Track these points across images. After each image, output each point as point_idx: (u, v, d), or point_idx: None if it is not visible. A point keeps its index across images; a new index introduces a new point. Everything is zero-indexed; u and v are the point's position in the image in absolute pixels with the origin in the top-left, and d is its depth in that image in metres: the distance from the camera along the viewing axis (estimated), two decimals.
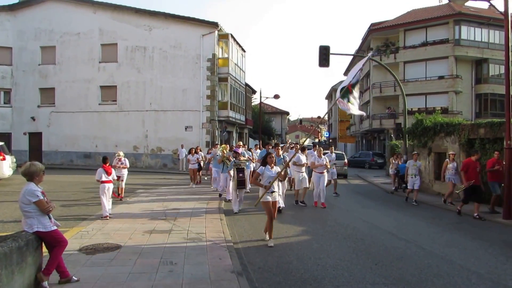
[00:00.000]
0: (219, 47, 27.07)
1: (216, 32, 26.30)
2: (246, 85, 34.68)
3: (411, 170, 13.09)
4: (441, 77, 29.70)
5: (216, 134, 26.34)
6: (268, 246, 7.06)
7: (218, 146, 15.71)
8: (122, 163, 12.17)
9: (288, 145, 17.77)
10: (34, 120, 27.91)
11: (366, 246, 7.16)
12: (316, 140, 77.42)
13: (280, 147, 11.97)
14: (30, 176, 4.79)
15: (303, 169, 11.74)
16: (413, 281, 5.37)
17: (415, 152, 14.19)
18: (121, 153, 12.34)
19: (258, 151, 16.84)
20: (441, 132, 15.12)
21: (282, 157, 10.93)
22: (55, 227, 4.86)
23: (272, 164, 7.64)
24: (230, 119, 28.05)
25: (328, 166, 12.54)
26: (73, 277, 4.97)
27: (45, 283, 4.68)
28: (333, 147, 17.46)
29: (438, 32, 30.23)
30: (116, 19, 26.93)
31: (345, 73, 49.77)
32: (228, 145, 14.25)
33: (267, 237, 7.33)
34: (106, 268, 5.52)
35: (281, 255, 6.53)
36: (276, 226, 8.84)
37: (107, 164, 9.61)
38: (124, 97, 26.98)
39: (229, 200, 11.50)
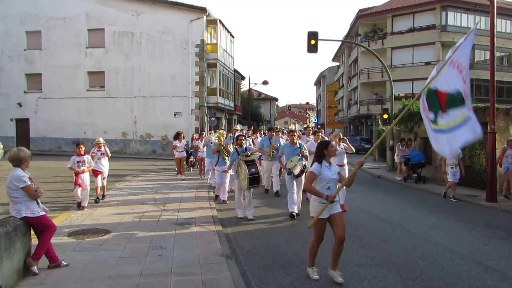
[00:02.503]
0: (207, 33, 26.79)
1: (205, 17, 25.98)
2: (235, 71, 34.48)
3: (451, 159, 10.86)
4: (428, 63, 29.89)
5: (205, 120, 26.27)
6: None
7: (213, 132, 13.73)
8: (102, 153, 9.50)
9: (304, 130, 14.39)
10: (21, 106, 27.46)
11: (352, 229, 7.30)
12: (304, 126, 77.66)
13: (295, 134, 8.83)
14: (18, 162, 4.76)
15: None
16: (398, 262, 5.51)
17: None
18: (101, 139, 9.69)
19: (259, 138, 14.84)
20: None
21: (298, 146, 8.52)
22: (43, 213, 4.86)
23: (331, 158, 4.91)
24: (219, 105, 27.95)
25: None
26: (63, 261, 4.99)
27: (34, 268, 4.70)
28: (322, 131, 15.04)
29: (425, 18, 30.30)
30: (102, 4, 26.38)
31: (334, 59, 49.73)
32: (224, 131, 11.87)
33: (312, 273, 4.87)
34: (95, 253, 5.54)
35: (269, 239, 6.63)
36: (265, 210, 9.01)
37: (81, 150, 8.42)
38: (112, 83, 26.64)
39: (224, 201, 9.88)
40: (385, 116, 18.58)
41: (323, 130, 15.67)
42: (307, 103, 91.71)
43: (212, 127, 24.14)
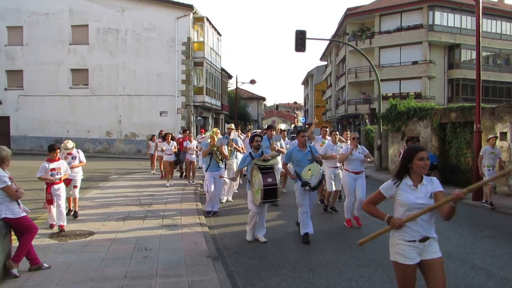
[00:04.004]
0: (194, 31, 26.55)
1: (191, 15, 25.73)
2: (222, 69, 34.29)
3: (488, 160, 9.41)
4: (415, 62, 30.21)
5: (192, 119, 26.04)
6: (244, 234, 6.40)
7: (205, 131, 12.51)
8: (73, 157, 7.75)
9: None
10: (1, 103, 26.76)
11: (340, 229, 7.27)
12: (293, 126, 77.95)
13: (305, 134, 6.81)
14: (0, 161, 4.60)
15: (337, 163, 8.33)
16: (385, 262, 5.48)
17: (492, 136, 10.02)
18: (70, 144, 7.77)
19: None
20: (414, 116, 15.45)
21: (309, 149, 6.60)
22: (24, 214, 4.72)
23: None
24: (206, 104, 27.74)
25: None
26: (44, 264, 4.85)
27: (15, 271, 4.56)
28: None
29: (412, 17, 30.58)
30: None
31: (322, 58, 49.95)
32: (218, 129, 9.75)
33: None
34: (78, 254, 5.40)
35: (256, 240, 6.54)
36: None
37: (56, 155, 6.63)
38: (96, 81, 26.16)
39: (215, 214, 8.31)
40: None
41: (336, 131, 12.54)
42: (295, 103, 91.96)
43: (198, 127, 23.95)
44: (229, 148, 9.07)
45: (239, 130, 15.39)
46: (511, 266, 5.42)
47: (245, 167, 6.75)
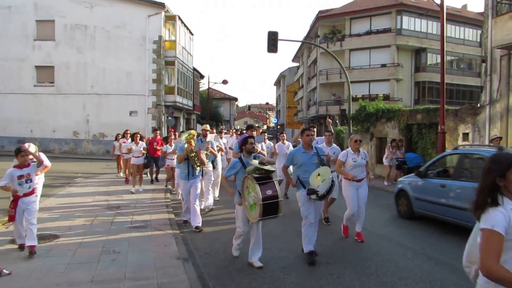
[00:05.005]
0: (166, 29, 26.17)
1: (163, 13, 25.35)
2: (194, 69, 34.00)
3: None
4: (383, 65, 31.03)
5: (163, 119, 25.65)
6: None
7: (174, 131, 11.12)
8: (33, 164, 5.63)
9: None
10: None
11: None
12: (265, 127, 78.26)
13: (313, 133, 6.31)
14: None
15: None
16: (354, 259, 5.61)
17: (496, 137, 9.61)
18: (32, 147, 6.01)
19: (233, 138, 13.17)
20: (383, 117, 15.88)
21: (315, 150, 5.73)
22: None
23: None
24: (177, 104, 27.39)
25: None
26: (4, 270, 4.62)
27: None
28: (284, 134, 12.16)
29: (381, 21, 31.41)
30: None
31: (294, 60, 50.43)
32: (195, 131, 8.17)
33: None
34: (42, 260, 5.18)
35: (227, 241, 6.49)
36: (223, 211, 8.87)
37: (25, 160, 5.45)
38: (62, 79, 25.26)
39: (198, 229, 7.02)
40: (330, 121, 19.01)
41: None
42: (267, 103, 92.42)
43: (169, 127, 23.59)
44: (205, 152, 8.24)
45: (226, 130, 14.30)
46: None
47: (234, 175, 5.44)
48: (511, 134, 10.49)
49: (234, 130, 18.87)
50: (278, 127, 64.03)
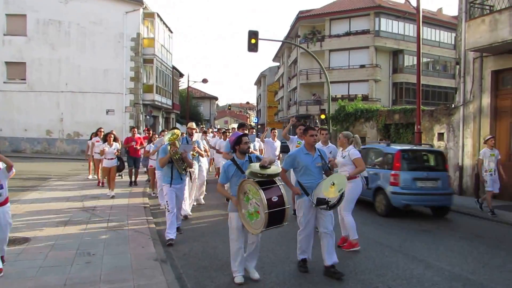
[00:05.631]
0: (144, 26, 25.75)
1: (141, 10, 24.94)
2: (173, 68, 33.61)
3: (489, 163, 8.63)
4: (362, 66, 31.50)
5: (141, 118, 25.23)
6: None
7: (148, 130, 10.16)
8: None
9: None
10: None
11: (290, 228, 7.32)
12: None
13: (318, 133, 6.10)
14: None
15: None
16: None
17: (490, 137, 9.02)
18: None
19: (216, 138, 12.50)
20: (361, 117, 16.12)
21: (319, 153, 5.16)
22: None
23: None
24: (156, 103, 27.01)
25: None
26: None
27: None
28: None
29: (360, 23, 31.89)
30: None
31: (274, 59, 50.58)
32: (179, 131, 6.87)
33: None
34: (12, 263, 4.95)
35: (207, 241, 6.44)
36: (201, 211, 8.76)
37: None
38: (35, 76, 24.47)
39: (169, 242, 6.11)
40: (323, 116, 19.25)
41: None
42: (248, 103, 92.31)
43: (148, 126, 23.22)
44: (192, 153, 7.58)
45: (209, 129, 13.79)
46: (447, 257, 5.79)
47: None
48: (483, 134, 10.79)
49: (216, 130, 18.65)
50: (259, 126, 64.10)
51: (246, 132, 7.82)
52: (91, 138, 13.28)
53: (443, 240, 6.73)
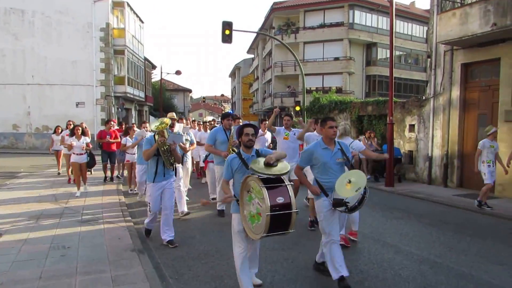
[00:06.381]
0: (113, 16, 25.08)
1: None
2: (145, 59, 32.98)
3: (488, 155, 8.25)
4: (336, 59, 31.85)
5: (113, 111, 24.67)
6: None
7: (148, 125, 9.13)
8: None
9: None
10: None
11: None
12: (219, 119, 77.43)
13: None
14: None
15: None
16: (308, 244, 5.75)
17: (495, 129, 8.52)
18: None
19: (195, 130, 11.58)
20: (335, 109, 16.38)
21: (339, 146, 4.55)
22: None
23: None
24: (128, 95, 26.47)
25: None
26: None
27: None
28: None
29: (334, 15, 32.15)
30: None
31: (249, 51, 50.41)
32: (168, 119, 6.15)
33: None
34: None
35: (184, 231, 6.44)
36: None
37: None
38: None
39: (172, 245, 5.62)
40: (297, 108, 19.44)
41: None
42: (222, 95, 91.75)
43: (121, 119, 22.74)
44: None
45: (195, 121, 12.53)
46: (416, 242, 6.04)
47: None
48: (452, 126, 11.18)
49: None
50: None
51: (231, 122, 7.31)
52: (54, 132, 12.77)
53: (413, 227, 6.99)
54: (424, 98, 12.38)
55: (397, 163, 12.43)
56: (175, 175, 6.18)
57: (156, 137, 5.60)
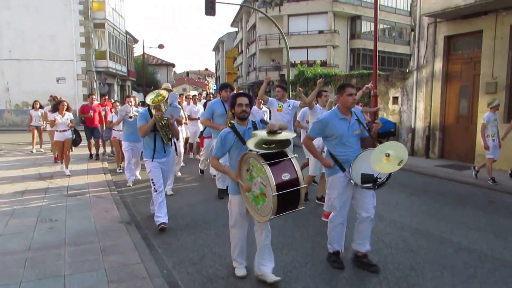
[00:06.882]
0: None
1: None
2: (127, 33, 32.09)
3: (492, 128, 7.86)
4: (321, 32, 31.60)
5: (95, 86, 24.16)
6: None
7: (132, 100, 8.58)
8: None
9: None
10: None
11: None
12: (204, 93, 76.67)
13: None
14: None
15: None
16: (294, 215, 5.87)
17: (497, 102, 8.02)
18: None
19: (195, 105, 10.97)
20: None
21: (356, 117, 4.03)
22: None
23: None
24: (110, 70, 25.88)
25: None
26: None
27: None
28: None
29: None
30: None
31: (232, 25, 49.50)
32: (166, 92, 5.36)
33: None
34: None
35: (171, 203, 6.43)
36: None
37: None
38: None
39: (161, 227, 5.11)
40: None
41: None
42: (206, 70, 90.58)
43: (103, 94, 22.29)
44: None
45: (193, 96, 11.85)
46: (398, 210, 6.24)
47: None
48: (434, 98, 11.35)
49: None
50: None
51: (228, 93, 6.48)
52: (33, 108, 12.34)
53: (395, 196, 7.13)
54: (407, 70, 12.47)
55: (390, 136, 12.20)
56: (176, 151, 5.78)
57: (153, 111, 5.07)
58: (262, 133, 3.33)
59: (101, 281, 3.52)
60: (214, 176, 7.90)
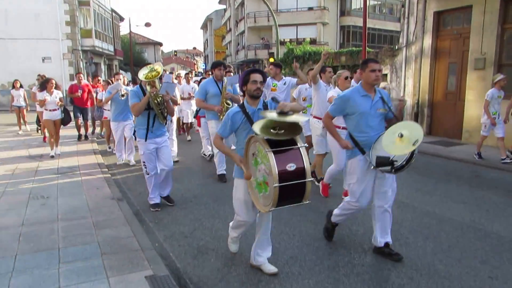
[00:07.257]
0: None
1: None
2: (113, 10, 31.32)
3: (494, 106, 7.60)
4: (310, 9, 31.27)
5: (81, 65, 23.73)
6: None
7: (121, 77, 8.40)
8: None
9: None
10: None
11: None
12: (194, 73, 75.96)
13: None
14: None
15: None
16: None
17: (502, 76, 7.65)
18: None
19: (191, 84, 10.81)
20: (310, 60, 16.38)
21: (380, 94, 3.77)
22: None
23: None
24: (96, 49, 25.39)
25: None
26: None
27: None
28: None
29: None
30: None
31: (220, 2, 48.60)
32: (160, 67, 4.96)
33: None
34: None
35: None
36: None
37: None
38: None
39: (156, 209, 5.11)
40: (271, 60, 19.24)
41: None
42: (194, 48, 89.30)
43: (90, 74, 21.91)
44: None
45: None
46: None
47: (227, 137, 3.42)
48: (423, 75, 11.41)
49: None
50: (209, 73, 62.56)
51: (222, 72, 6.19)
52: (13, 87, 12.11)
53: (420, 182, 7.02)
54: (397, 47, 12.50)
55: None
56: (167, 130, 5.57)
57: (148, 87, 4.71)
58: (271, 114, 2.98)
59: (95, 253, 3.61)
60: (205, 155, 8.03)
